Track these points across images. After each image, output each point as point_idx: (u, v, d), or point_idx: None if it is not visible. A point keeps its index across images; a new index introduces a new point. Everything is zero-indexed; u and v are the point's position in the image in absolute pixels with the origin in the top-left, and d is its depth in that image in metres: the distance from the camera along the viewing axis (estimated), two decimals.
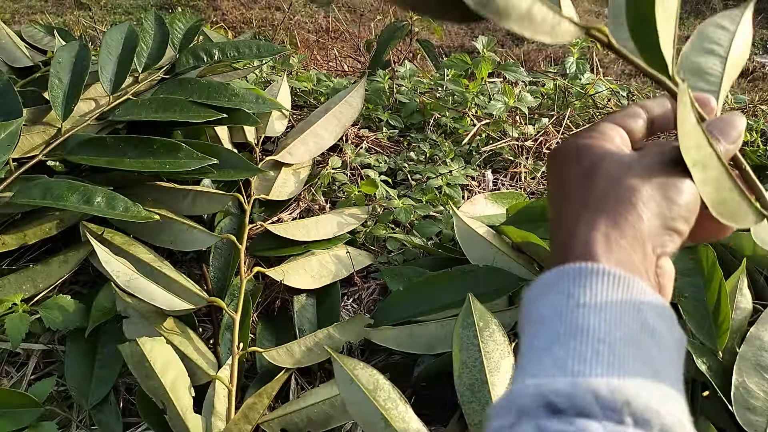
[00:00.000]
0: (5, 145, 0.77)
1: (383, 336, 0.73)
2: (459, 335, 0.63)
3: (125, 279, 0.72)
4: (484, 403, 0.59)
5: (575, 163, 0.33)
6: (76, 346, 0.75)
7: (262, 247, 0.88)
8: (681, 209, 0.31)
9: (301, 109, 1.26)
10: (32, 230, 0.80)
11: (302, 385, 0.76)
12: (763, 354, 0.63)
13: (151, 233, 0.85)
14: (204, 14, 3.13)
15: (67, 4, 3.26)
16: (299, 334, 0.79)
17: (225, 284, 0.84)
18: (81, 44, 0.96)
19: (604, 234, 0.29)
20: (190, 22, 1.14)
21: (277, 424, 0.67)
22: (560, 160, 0.34)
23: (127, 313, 0.73)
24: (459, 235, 0.81)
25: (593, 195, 0.31)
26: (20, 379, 0.76)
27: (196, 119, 0.90)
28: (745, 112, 1.36)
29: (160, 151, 0.83)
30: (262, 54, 1.07)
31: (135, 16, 3.10)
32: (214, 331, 0.80)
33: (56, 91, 0.89)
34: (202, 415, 0.67)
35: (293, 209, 0.99)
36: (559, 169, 0.34)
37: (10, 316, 0.70)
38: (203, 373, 0.71)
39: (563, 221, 0.32)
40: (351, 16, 3.22)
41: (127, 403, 0.75)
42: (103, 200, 0.75)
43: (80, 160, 0.83)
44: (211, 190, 0.91)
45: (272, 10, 3.26)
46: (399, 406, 0.59)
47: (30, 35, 1.20)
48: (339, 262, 0.86)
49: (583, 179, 0.32)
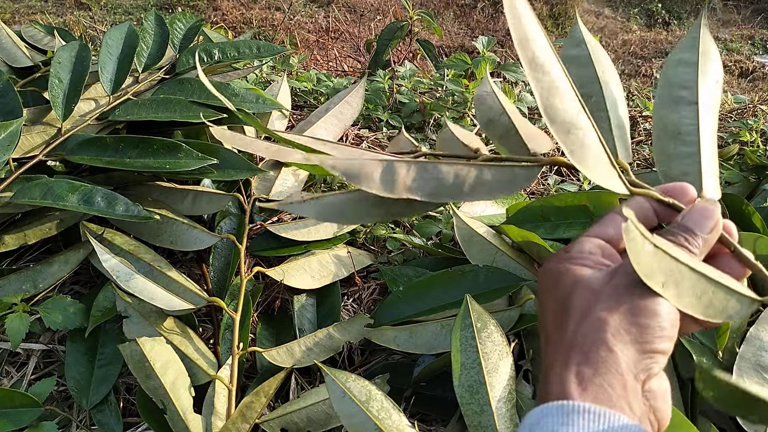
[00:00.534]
0: (5, 145, 0.77)
1: (383, 336, 0.73)
2: (457, 336, 0.63)
3: (125, 279, 0.72)
4: (483, 404, 0.59)
5: (552, 295, 0.35)
6: (76, 346, 0.75)
7: (262, 247, 0.88)
8: (657, 331, 0.31)
9: (301, 109, 1.26)
10: (32, 230, 0.80)
11: (302, 385, 0.76)
12: (762, 354, 0.63)
13: (151, 233, 0.85)
14: (204, 14, 3.13)
15: (67, 4, 3.26)
16: (299, 334, 0.79)
17: (225, 284, 0.84)
18: (81, 44, 0.96)
19: (576, 374, 0.30)
20: (190, 22, 1.14)
21: (277, 423, 0.67)
22: (543, 286, 0.36)
23: (127, 313, 0.73)
24: (459, 235, 0.81)
25: (566, 333, 0.32)
26: (20, 379, 0.76)
27: (196, 119, 0.90)
28: (745, 112, 1.36)
29: (160, 151, 0.83)
30: (262, 54, 1.07)
31: (135, 16, 3.10)
32: (214, 331, 0.80)
33: (56, 91, 0.89)
34: (202, 415, 0.67)
35: None
36: (543, 295, 0.36)
37: (10, 316, 0.70)
38: (203, 373, 0.71)
39: (545, 357, 0.34)
40: (351, 16, 3.22)
41: (127, 403, 0.75)
42: (103, 200, 0.75)
43: (80, 160, 0.83)
44: (211, 190, 0.91)
45: (272, 10, 3.26)
46: (392, 416, 0.59)
47: (30, 35, 1.20)
48: (339, 262, 0.86)
49: (558, 316, 0.33)
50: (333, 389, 0.61)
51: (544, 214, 0.81)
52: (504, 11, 0.36)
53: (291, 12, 3.17)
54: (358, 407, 0.59)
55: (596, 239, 0.35)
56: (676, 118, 0.42)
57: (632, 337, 0.30)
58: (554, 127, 0.35)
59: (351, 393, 0.60)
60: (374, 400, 0.60)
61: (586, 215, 0.79)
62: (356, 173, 0.34)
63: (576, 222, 0.79)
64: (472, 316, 0.64)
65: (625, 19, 3.41)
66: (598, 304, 0.31)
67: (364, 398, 0.60)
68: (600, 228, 0.36)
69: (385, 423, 0.58)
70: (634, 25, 3.22)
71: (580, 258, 0.34)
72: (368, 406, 0.59)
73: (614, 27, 3.72)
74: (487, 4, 3.98)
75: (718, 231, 0.34)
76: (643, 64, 2.75)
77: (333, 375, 0.61)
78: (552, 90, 0.36)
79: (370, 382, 0.62)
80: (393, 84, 1.26)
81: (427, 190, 0.34)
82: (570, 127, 0.35)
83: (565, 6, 4.02)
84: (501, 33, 3.33)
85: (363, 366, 0.79)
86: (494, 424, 0.58)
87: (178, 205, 0.89)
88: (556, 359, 0.31)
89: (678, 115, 0.42)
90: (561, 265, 0.35)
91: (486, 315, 0.65)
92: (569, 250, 0.36)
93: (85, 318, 0.75)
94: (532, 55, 0.35)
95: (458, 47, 3.21)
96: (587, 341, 0.31)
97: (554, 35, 3.72)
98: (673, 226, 0.34)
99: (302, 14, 3.21)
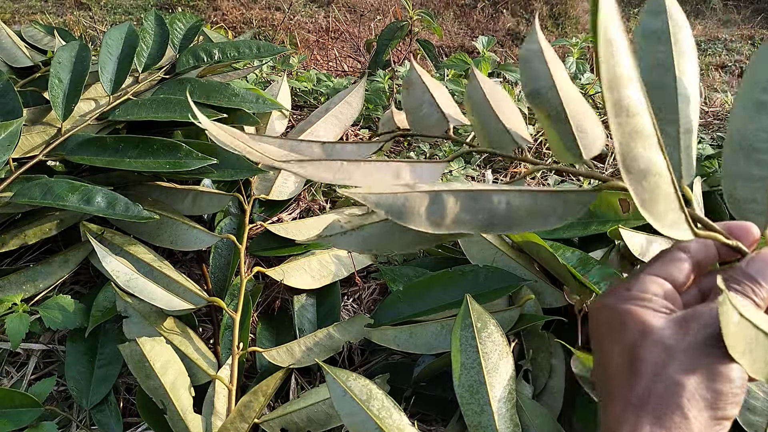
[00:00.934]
0: (5, 145, 0.77)
1: (383, 336, 0.73)
2: (457, 336, 0.63)
3: (125, 279, 0.72)
4: (483, 404, 0.59)
5: (617, 340, 0.32)
6: (76, 346, 0.75)
7: (262, 247, 0.88)
8: (730, 397, 0.30)
9: (301, 109, 1.26)
10: (32, 230, 0.80)
11: (302, 385, 0.76)
12: None
13: (151, 233, 0.85)
14: (204, 14, 3.13)
15: (67, 4, 3.26)
16: (299, 333, 0.79)
17: (225, 284, 0.84)
18: (81, 44, 0.96)
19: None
20: (190, 22, 1.14)
21: (277, 423, 0.67)
22: (602, 326, 0.34)
23: (127, 313, 0.73)
24: None
25: (636, 392, 0.30)
26: (20, 379, 0.76)
27: (196, 119, 0.90)
28: None
29: (160, 151, 0.83)
30: (262, 54, 1.07)
31: (135, 16, 3.10)
32: (214, 331, 0.80)
33: (56, 91, 0.89)
34: (202, 415, 0.67)
35: (293, 209, 0.99)
36: (602, 338, 0.34)
37: (10, 316, 0.70)
38: (203, 373, 0.71)
39: (608, 416, 0.32)
40: (351, 16, 3.22)
41: (127, 403, 0.75)
42: (103, 200, 0.75)
43: (80, 160, 0.83)
44: (211, 190, 0.91)
45: (272, 10, 3.26)
46: (393, 415, 0.59)
47: (30, 35, 1.20)
48: (339, 262, 0.86)
49: (624, 368, 0.31)
50: (334, 388, 0.60)
51: None
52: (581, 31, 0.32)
53: (291, 12, 3.17)
54: (358, 406, 0.59)
55: (661, 280, 0.33)
56: (752, 129, 0.36)
57: (707, 403, 0.29)
58: (630, 177, 0.31)
59: (352, 392, 0.60)
60: (375, 399, 0.60)
61: (586, 215, 0.79)
62: (401, 211, 0.31)
63: (576, 222, 0.79)
64: (472, 316, 0.64)
65: (625, 19, 3.42)
66: (672, 363, 0.30)
67: (364, 397, 0.60)
68: (663, 268, 0.34)
69: (385, 422, 0.58)
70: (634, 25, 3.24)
71: (644, 300, 0.32)
72: (369, 405, 0.59)
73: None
74: (487, 4, 3.99)
75: None
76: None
77: (334, 374, 0.61)
78: (634, 135, 0.31)
79: (370, 381, 0.62)
80: (393, 84, 1.26)
81: (477, 223, 0.32)
82: (646, 173, 0.31)
83: (565, 6, 4.03)
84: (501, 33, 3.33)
85: (363, 366, 0.79)
86: (494, 424, 0.58)
87: (178, 205, 0.89)
88: (624, 419, 0.30)
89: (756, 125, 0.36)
90: (623, 306, 0.33)
91: (486, 315, 0.65)
92: (630, 288, 0.33)
93: (85, 318, 0.75)
94: (619, 97, 0.30)
95: (458, 47, 3.21)
96: (662, 404, 0.29)
97: (554, 35, 3.72)
98: (737, 274, 0.33)
99: (302, 14, 3.21)
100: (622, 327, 0.32)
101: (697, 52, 0.40)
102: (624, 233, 0.71)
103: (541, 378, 0.68)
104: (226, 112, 0.93)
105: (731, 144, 0.36)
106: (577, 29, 3.78)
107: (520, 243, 0.79)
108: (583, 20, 3.93)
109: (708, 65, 3.27)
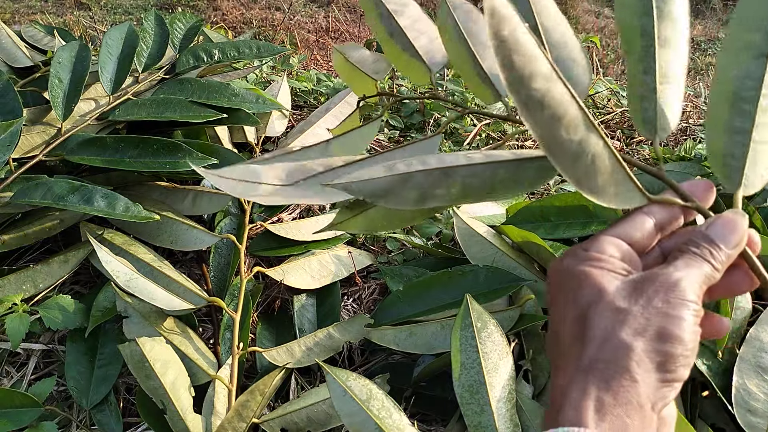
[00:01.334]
0: (5, 145, 0.77)
1: (383, 336, 0.73)
2: (457, 336, 0.63)
3: (125, 279, 0.72)
4: (483, 404, 0.59)
5: (571, 300, 0.32)
6: (76, 346, 0.75)
7: (262, 247, 0.88)
8: (680, 359, 0.29)
9: (301, 109, 1.26)
10: (32, 230, 0.80)
11: (302, 385, 0.76)
12: (762, 355, 0.63)
13: (151, 233, 0.85)
14: (204, 14, 3.13)
15: (67, 4, 3.26)
16: (299, 333, 0.79)
17: (225, 284, 0.84)
18: (81, 44, 0.96)
19: (596, 400, 0.29)
20: (190, 22, 1.15)
21: (277, 423, 0.67)
22: (557, 286, 0.33)
23: (127, 313, 0.73)
24: (459, 235, 0.81)
25: (586, 354, 0.30)
26: (20, 379, 0.76)
27: (196, 119, 0.90)
28: None
29: (160, 151, 0.83)
30: (262, 54, 1.07)
31: (135, 16, 3.10)
32: (214, 331, 0.80)
33: (56, 91, 0.89)
34: (202, 415, 0.67)
35: (293, 209, 0.99)
36: (556, 296, 0.33)
37: (10, 316, 0.70)
38: (203, 373, 0.71)
39: (558, 374, 0.32)
40: (351, 16, 3.22)
41: (127, 403, 0.75)
42: (103, 200, 0.75)
43: (80, 160, 0.83)
44: (211, 190, 0.91)
45: (272, 10, 3.26)
46: (393, 415, 0.59)
47: (30, 35, 1.20)
48: (339, 262, 0.86)
49: (575, 330, 0.31)
50: (334, 388, 0.60)
51: (544, 214, 0.81)
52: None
53: (291, 12, 3.17)
54: (358, 406, 0.59)
55: (619, 241, 0.33)
56: (736, 74, 0.33)
57: (656, 365, 0.29)
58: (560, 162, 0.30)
59: (352, 392, 0.60)
60: (375, 399, 0.60)
61: (586, 215, 0.79)
62: (380, 195, 0.31)
63: (576, 222, 0.79)
64: (472, 316, 0.64)
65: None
66: (622, 326, 0.29)
67: (364, 397, 0.60)
68: (624, 229, 0.33)
69: (385, 422, 0.58)
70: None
71: (600, 261, 0.32)
72: (369, 405, 0.59)
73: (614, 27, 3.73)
74: None
75: (742, 245, 0.33)
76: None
77: (334, 374, 0.61)
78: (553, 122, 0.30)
79: (370, 381, 0.62)
80: (393, 84, 1.26)
81: (451, 197, 0.32)
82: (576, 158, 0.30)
83: (565, 6, 4.02)
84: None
85: (363, 366, 0.79)
86: (494, 424, 0.58)
87: (178, 205, 0.89)
88: (572, 382, 0.30)
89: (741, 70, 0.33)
90: (580, 267, 0.32)
91: (486, 315, 0.65)
92: (588, 248, 0.33)
93: (85, 318, 0.75)
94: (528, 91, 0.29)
95: None
96: (609, 367, 0.29)
97: None
98: (696, 236, 0.32)
99: (302, 14, 3.21)
100: (577, 290, 0.32)
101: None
102: None
103: (541, 378, 0.68)
104: (226, 112, 0.93)
105: (715, 92, 0.34)
106: (577, 29, 3.77)
107: (520, 243, 0.79)
108: (583, 20, 3.93)
109: (708, 65, 3.27)
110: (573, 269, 0.32)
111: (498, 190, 0.33)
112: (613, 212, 0.78)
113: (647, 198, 0.33)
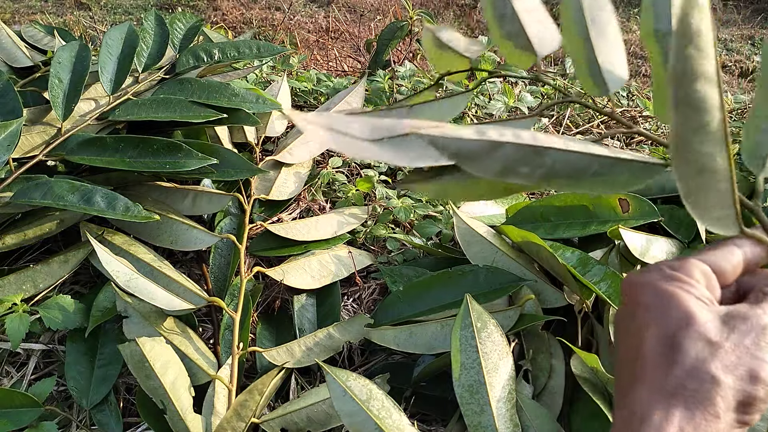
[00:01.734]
0: (5, 145, 0.77)
1: (383, 336, 0.73)
2: (457, 336, 0.63)
3: (125, 279, 0.72)
4: (483, 404, 0.59)
5: (655, 318, 0.31)
6: (76, 346, 0.75)
7: (262, 247, 0.88)
8: (760, 403, 0.30)
9: (301, 109, 1.26)
10: (32, 230, 0.80)
11: (302, 385, 0.76)
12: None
13: (151, 233, 0.85)
14: (204, 14, 3.13)
15: (67, 4, 3.26)
16: (299, 333, 0.79)
17: (225, 284, 0.84)
18: (81, 44, 0.96)
19: (679, 428, 0.29)
20: (190, 22, 1.15)
21: (277, 423, 0.67)
22: (635, 299, 0.33)
23: (127, 313, 0.73)
24: (459, 235, 0.82)
25: (671, 380, 0.30)
26: (20, 379, 0.76)
27: (196, 119, 0.90)
28: (745, 112, 1.36)
29: (160, 151, 0.83)
30: (262, 54, 1.07)
31: (135, 16, 3.10)
32: (214, 331, 0.80)
33: (56, 91, 0.89)
34: (202, 415, 0.67)
35: (293, 209, 0.99)
36: (634, 316, 0.33)
37: (10, 316, 0.70)
38: (203, 373, 0.71)
39: (634, 397, 0.31)
40: (351, 16, 3.22)
41: (127, 403, 0.75)
42: (103, 200, 0.75)
43: (80, 160, 0.83)
44: (211, 190, 0.91)
45: (272, 10, 3.26)
46: (393, 415, 0.59)
47: (30, 35, 1.20)
48: (339, 262, 0.86)
49: (662, 356, 0.31)
50: (334, 388, 0.61)
51: (544, 214, 0.81)
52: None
53: (291, 12, 3.17)
54: (358, 406, 0.59)
55: (707, 268, 0.32)
56: None
57: (736, 405, 0.29)
58: (680, 170, 0.29)
59: (352, 392, 0.60)
60: (375, 399, 0.60)
61: (586, 215, 0.79)
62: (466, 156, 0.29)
63: (576, 222, 0.79)
64: (472, 316, 0.64)
65: (625, 19, 3.42)
66: (714, 359, 0.30)
67: (364, 397, 0.60)
68: (715, 257, 0.33)
69: (385, 422, 0.58)
70: (634, 25, 3.23)
71: (687, 284, 0.32)
72: (369, 405, 0.59)
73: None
74: None
75: None
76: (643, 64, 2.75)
77: (334, 374, 0.61)
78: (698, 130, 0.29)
79: (370, 381, 0.62)
80: (393, 84, 1.26)
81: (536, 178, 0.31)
82: (701, 170, 0.30)
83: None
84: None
85: (363, 366, 0.79)
86: (494, 424, 0.58)
87: (178, 205, 0.89)
88: (654, 401, 0.30)
89: None
90: (665, 285, 0.32)
91: (486, 315, 0.65)
92: (675, 268, 0.32)
93: (85, 318, 0.75)
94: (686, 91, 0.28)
95: None
96: (696, 398, 0.29)
97: None
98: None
99: (302, 14, 3.21)
100: (663, 310, 0.31)
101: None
102: (624, 233, 0.71)
103: (541, 378, 0.68)
104: (226, 112, 0.93)
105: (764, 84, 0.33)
106: None
107: (520, 243, 0.79)
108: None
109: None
110: (657, 286, 0.32)
111: (584, 184, 0.32)
112: (614, 214, 0.78)
113: (741, 230, 0.33)
